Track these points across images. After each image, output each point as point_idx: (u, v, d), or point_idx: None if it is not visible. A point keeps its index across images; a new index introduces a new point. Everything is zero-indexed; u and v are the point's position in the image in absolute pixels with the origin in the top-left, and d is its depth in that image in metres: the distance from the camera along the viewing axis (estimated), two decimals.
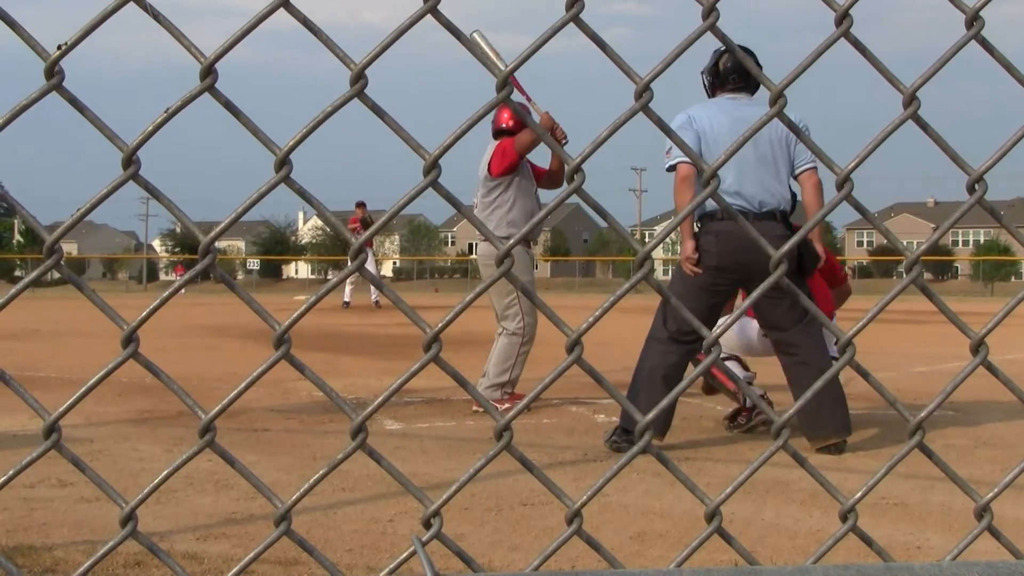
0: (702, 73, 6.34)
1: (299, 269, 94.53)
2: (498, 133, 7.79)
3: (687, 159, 5.84)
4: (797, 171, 6.09)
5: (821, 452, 5.79)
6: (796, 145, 6.09)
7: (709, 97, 6.31)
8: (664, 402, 1.36)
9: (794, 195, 6.37)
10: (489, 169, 7.63)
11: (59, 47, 1.13)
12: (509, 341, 7.60)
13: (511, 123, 7.71)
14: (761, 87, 6.22)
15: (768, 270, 1.31)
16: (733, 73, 6.17)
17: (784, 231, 5.81)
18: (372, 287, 24.48)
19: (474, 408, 7.52)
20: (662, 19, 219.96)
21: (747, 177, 5.90)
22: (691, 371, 6.40)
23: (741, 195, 5.83)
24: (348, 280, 24.09)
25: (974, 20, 1.28)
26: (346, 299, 24.41)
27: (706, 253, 5.87)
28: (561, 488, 1.28)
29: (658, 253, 60.46)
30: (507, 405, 7.34)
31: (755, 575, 1.21)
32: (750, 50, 5.93)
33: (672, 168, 6.01)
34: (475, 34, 7.07)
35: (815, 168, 6.13)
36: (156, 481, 1.22)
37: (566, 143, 7.54)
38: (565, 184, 1.25)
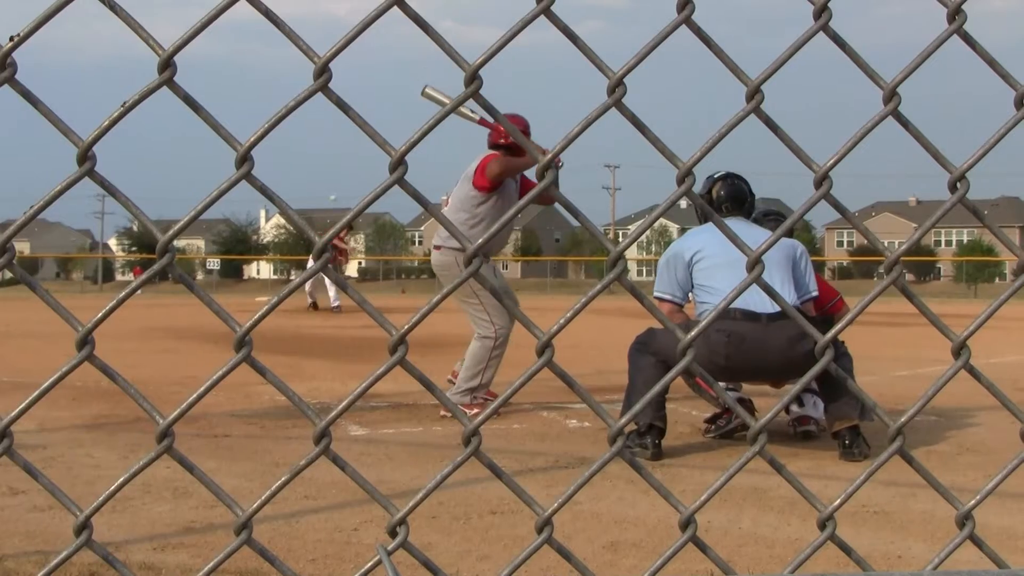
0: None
1: (261, 269, 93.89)
2: (494, 147, 7.69)
3: (667, 295, 6.28)
4: (800, 299, 6.25)
5: (844, 451, 5.86)
6: (800, 269, 6.27)
7: (701, 223, 6.50)
8: (638, 406, 1.33)
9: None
10: (473, 180, 7.52)
11: (12, 38, 1.11)
12: (481, 344, 7.56)
13: (509, 139, 7.60)
14: (755, 212, 6.55)
15: (778, 368, 1.29)
16: (727, 200, 6.42)
17: (800, 328, 5.71)
18: (329, 289, 24.30)
19: (442, 413, 7.48)
20: (637, 12, 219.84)
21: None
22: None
23: (748, 300, 5.78)
24: (328, 284, 23.87)
25: (956, 14, 1.25)
26: (334, 303, 24.03)
27: (715, 353, 5.82)
28: (532, 496, 1.25)
29: (632, 253, 60.50)
30: (476, 410, 7.31)
31: None
32: (742, 177, 6.47)
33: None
34: (427, 89, 7.12)
35: (814, 298, 6.40)
36: (112, 488, 1.19)
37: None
38: (536, 180, 1.22)
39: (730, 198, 6.38)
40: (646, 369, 5.98)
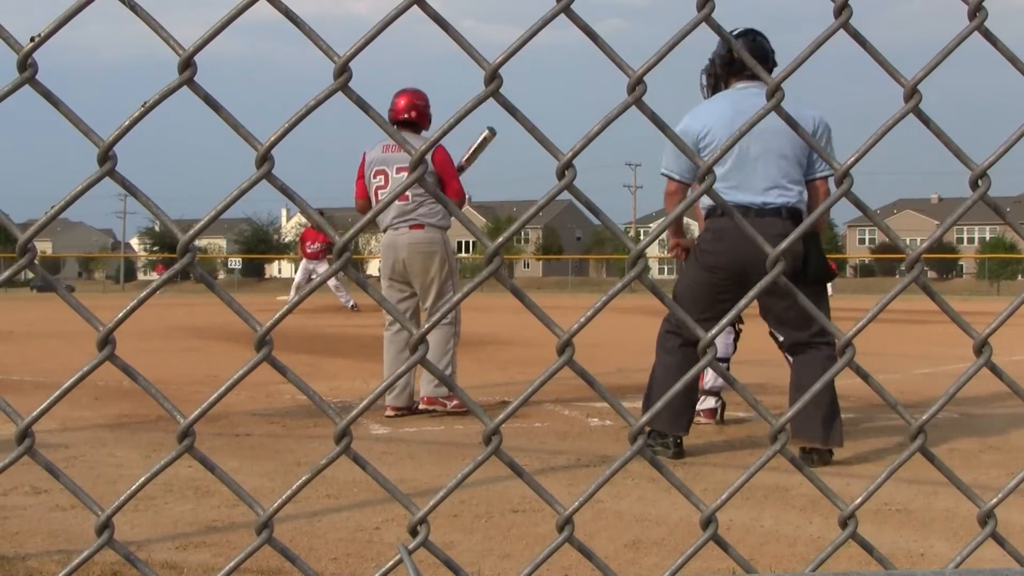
0: (706, 71, 6.07)
1: (282, 268, 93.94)
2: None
3: (675, 174, 5.84)
4: (810, 176, 5.79)
5: (803, 455, 5.55)
6: (819, 146, 5.90)
7: (710, 94, 6.04)
8: (659, 404, 1.32)
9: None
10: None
11: (32, 39, 1.10)
12: (441, 330, 7.31)
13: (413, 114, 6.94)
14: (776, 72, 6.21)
15: (765, 270, 1.27)
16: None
17: (784, 229, 5.47)
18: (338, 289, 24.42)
19: (451, 406, 7.44)
20: (657, 10, 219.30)
21: (747, 172, 5.66)
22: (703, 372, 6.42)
23: (740, 190, 5.59)
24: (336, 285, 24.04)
25: (977, 11, 1.25)
26: (350, 303, 24.11)
27: (704, 252, 5.70)
28: (553, 494, 1.25)
29: (653, 251, 60.16)
30: (456, 402, 7.29)
31: None
32: (762, 33, 5.98)
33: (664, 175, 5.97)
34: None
35: (829, 177, 5.79)
36: (133, 488, 1.19)
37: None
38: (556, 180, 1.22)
39: (754, 57, 6.09)
40: (671, 367, 5.83)
